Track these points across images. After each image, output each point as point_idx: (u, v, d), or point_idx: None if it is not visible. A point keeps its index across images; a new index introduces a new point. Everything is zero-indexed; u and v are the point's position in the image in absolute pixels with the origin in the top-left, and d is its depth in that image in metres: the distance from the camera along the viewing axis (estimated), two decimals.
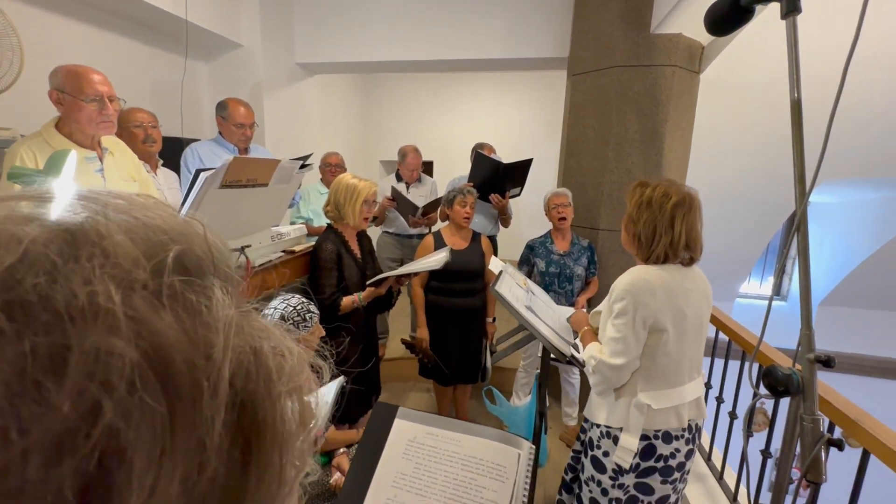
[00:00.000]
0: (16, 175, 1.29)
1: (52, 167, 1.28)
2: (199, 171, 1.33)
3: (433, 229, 2.83)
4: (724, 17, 0.84)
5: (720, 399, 2.12)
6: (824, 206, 5.54)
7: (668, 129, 2.66)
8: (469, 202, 2.36)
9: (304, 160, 1.90)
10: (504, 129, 5.84)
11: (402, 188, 3.22)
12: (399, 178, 3.33)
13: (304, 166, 1.89)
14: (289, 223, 2.96)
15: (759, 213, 4.70)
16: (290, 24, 3.54)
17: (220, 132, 2.52)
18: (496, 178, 2.87)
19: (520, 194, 3.11)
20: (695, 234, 1.33)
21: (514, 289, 1.63)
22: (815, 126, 0.92)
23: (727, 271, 5.29)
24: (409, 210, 3.02)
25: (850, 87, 0.71)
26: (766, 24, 1.88)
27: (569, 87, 3.06)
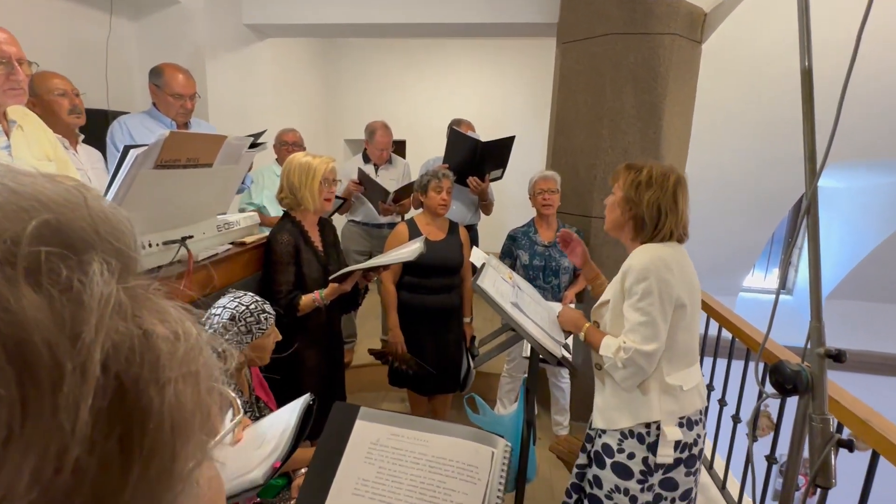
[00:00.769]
0: None
1: None
2: (128, 148, 1.29)
3: (406, 217, 2.82)
4: None
5: (723, 402, 2.20)
6: (831, 190, 5.78)
7: (667, 104, 2.72)
8: (445, 187, 2.36)
9: (255, 138, 1.86)
10: (485, 105, 5.83)
11: (370, 170, 3.18)
12: (367, 160, 3.29)
13: (255, 145, 1.85)
14: (237, 210, 2.90)
15: (764, 200, 4.86)
16: None
17: (153, 103, 2.47)
18: (474, 159, 2.85)
19: (501, 177, 3.11)
20: (687, 213, 1.51)
21: (498, 283, 1.64)
22: (825, 103, 0.96)
23: (730, 263, 5.47)
24: (379, 195, 2.99)
25: (861, 62, 0.74)
26: None
27: (558, 57, 3.08)
